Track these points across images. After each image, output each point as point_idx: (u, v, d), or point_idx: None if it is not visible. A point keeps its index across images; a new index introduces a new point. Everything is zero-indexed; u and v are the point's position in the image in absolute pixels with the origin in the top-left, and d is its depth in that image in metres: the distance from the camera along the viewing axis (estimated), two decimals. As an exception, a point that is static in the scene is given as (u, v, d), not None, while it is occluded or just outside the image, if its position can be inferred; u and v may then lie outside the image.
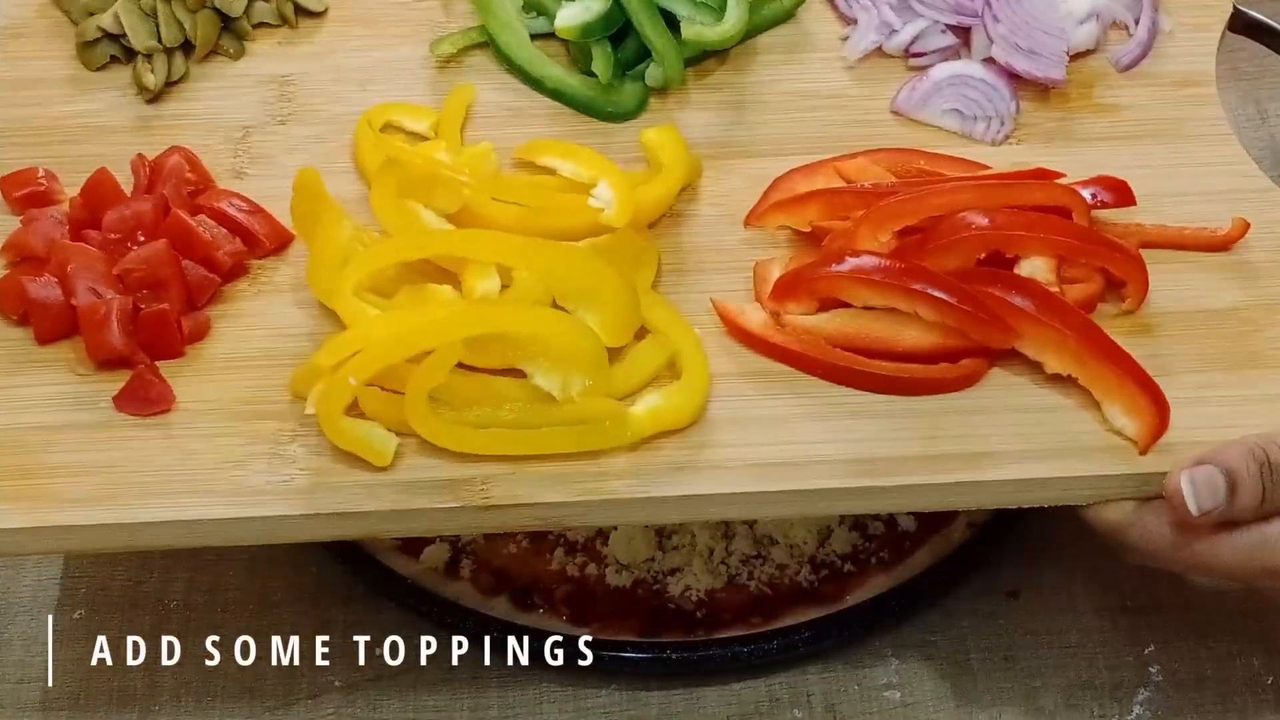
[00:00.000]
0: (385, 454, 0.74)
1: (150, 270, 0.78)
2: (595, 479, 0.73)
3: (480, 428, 0.74)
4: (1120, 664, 0.85)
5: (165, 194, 0.82)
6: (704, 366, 0.76)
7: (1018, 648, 0.86)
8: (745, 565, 0.87)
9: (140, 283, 0.78)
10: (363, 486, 0.73)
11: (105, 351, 0.77)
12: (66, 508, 0.73)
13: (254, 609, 0.88)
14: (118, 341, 0.77)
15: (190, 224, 0.81)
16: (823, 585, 0.87)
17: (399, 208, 0.81)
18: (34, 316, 0.79)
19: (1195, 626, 0.87)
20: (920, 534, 0.88)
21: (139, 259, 0.79)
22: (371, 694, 0.85)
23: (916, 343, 0.76)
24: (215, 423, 0.76)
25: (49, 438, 0.75)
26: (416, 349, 0.73)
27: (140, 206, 0.81)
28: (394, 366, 0.74)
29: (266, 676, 0.85)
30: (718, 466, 0.74)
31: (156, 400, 0.76)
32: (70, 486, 0.73)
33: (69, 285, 0.78)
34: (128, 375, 0.77)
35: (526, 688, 0.85)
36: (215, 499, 0.73)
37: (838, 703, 0.84)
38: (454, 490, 0.73)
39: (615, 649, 0.84)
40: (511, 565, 0.88)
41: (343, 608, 0.88)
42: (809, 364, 0.77)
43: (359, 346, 0.73)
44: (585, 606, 0.86)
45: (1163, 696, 0.84)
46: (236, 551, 0.90)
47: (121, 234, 0.80)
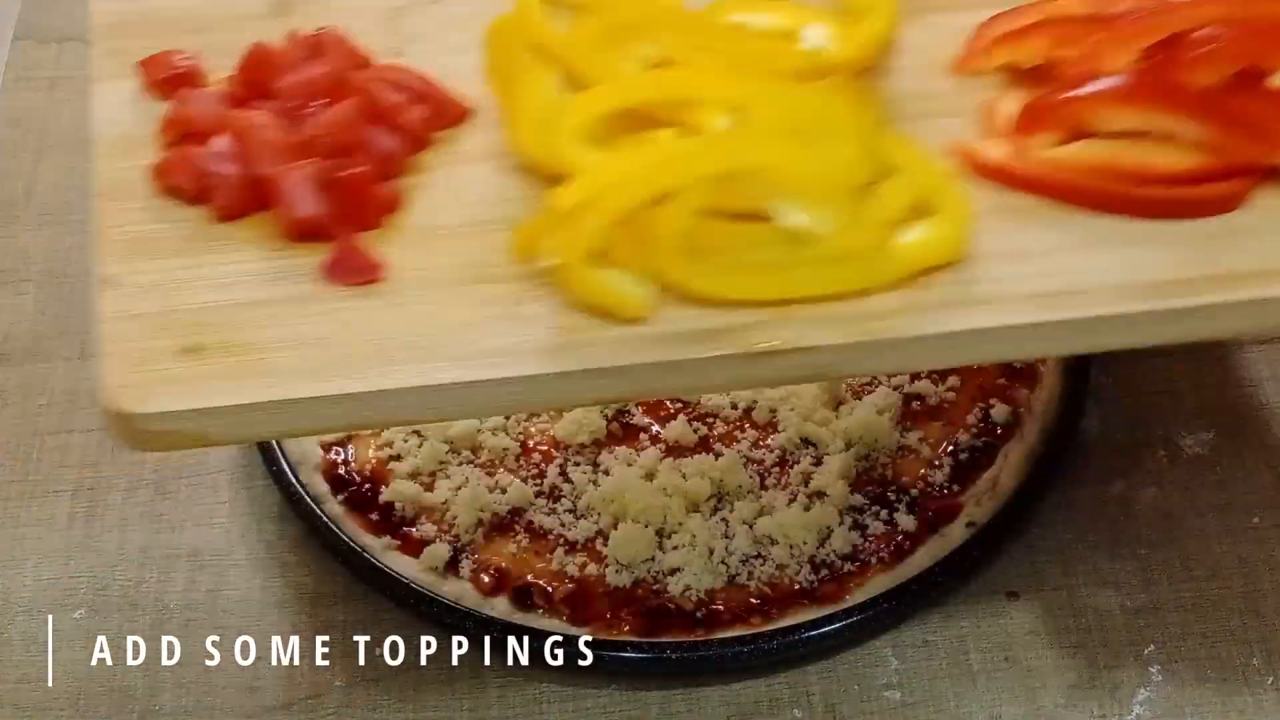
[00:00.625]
0: (640, 303, 0.68)
1: (338, 136, 0.72)
2: (866, 319, 0.68)
3: (737, 272, 0.69)
4: (1120, 664, 0.85)
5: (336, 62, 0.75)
6: (962, 197, 0.71)
7: (1018, 648, 0.86)
8: (745, 565, 0.87)
9: (328, 150, 0.72)
10: (618, 341, 0.67)
11: (301, 222, 0.71)
12: (296, 381, 0.67)
13: (254, 609, 0.88)
14: (316, 210, 0.70)
15: (373, 87, 0.74)
16: (823, 585, 0.87)
17: (602, 58, 0.74)
18: (214, 192, 0.72)
19: (1195, 626, 0.87)
20: (920, 534, 0.88)
21: (325, 124, 0.73)
22: (371, 694, 0.85)
23: (1173, 166, 0.72)
24: (434, 289, 0.70)
25: (256, 313, 0.69)
26: (660, 188, 0.68)
27: (314, 71, 0.75)
28: (632, 213, 0.68)
29: (266, 676, 0.85)
30: (993, 300, 0.69)
31: (367, 269, 0.70)
32: (294, 359, 0.67)
33: (248, 156, 0.72)
34: (323, 248, 0.70)
35: (526, 688, 0.85)
36: (455, 363, 0.67)
37: (838, 703, 0.84)
38: (718, 339, 0.68)
39: (615, 649, 0.84)
40: (511, 565, 0.88)
41: (343, 608, 0.88)
42: (1070, 193, 0.72)
43: (594, 190, 0.67)
44: (585, 606, 0.86)
45: (1163, 696, 0.84)
46: (236, 551, 0.90)
47: (298, 101, 0.74)
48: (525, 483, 0.91)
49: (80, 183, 1.08)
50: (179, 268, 0.70)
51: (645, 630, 0.85)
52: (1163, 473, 0.93)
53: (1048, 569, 0.89)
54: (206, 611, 0.87)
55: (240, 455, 0.94)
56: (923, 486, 0.90)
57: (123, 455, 0.93)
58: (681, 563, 0.87)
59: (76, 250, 1.04)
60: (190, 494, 0.92)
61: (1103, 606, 0.87)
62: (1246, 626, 0.87)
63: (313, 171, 0.71)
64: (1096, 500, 0.92)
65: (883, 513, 0.89)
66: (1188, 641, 0.86)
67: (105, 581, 0.89)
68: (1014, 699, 0.84)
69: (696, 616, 0.86)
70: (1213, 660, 0.85)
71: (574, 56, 0.75)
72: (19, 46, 1.17)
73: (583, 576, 0.87)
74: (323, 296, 0.70)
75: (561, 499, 0.90)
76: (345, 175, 0.72)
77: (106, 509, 0.92)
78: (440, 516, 0.89)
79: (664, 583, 0.87)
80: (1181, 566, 0.89)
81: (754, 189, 0.70)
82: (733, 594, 0.86)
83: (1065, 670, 0.85)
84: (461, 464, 0.91)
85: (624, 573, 0.87)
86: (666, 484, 0.90)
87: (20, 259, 1.04)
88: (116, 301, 0.69)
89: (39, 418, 0.96)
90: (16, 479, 0.93)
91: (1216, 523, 0.91)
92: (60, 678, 0.85)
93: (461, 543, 0.88)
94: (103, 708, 0.84)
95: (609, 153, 0.71)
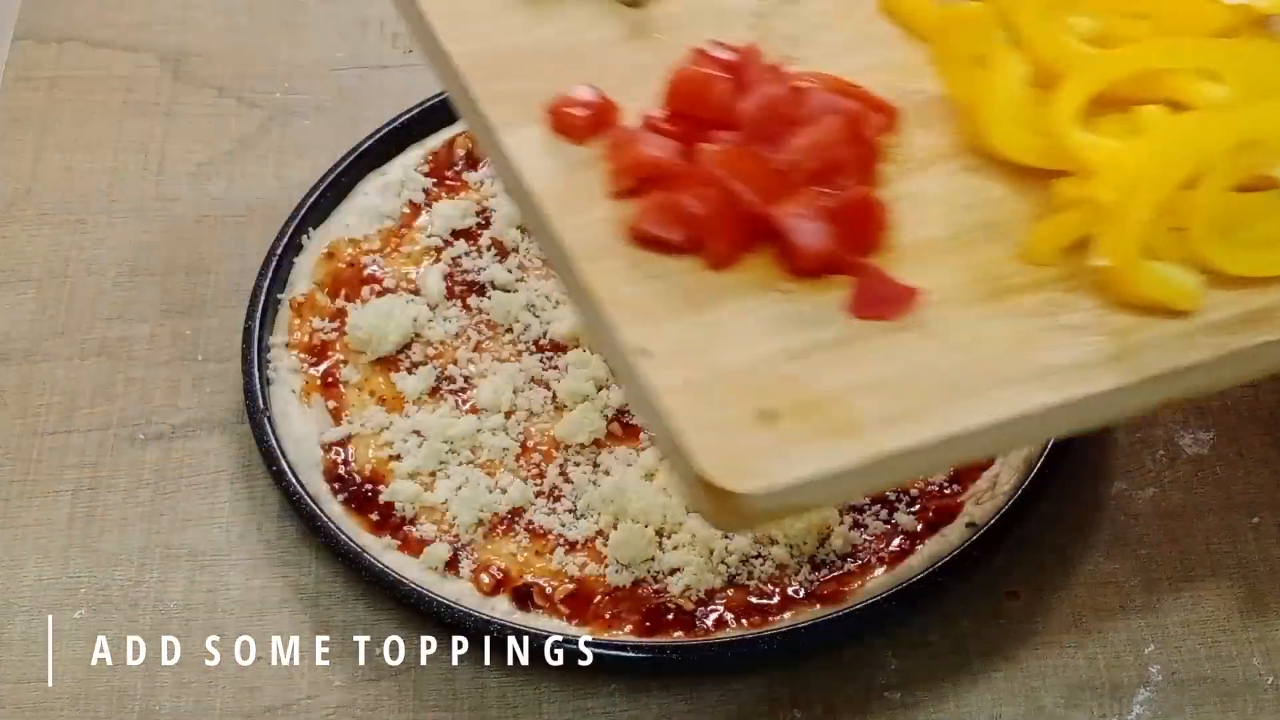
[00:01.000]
0: (1194, 293, 0.64)
1: (823, 158, 0.67)
2: None
3: (1272, 248, 0.65)
4: (1120, 664, 0.85)
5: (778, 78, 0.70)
6: None
7: (1018, 648, 0.86)
8: (745, 565, 0.87)
9: (811, 175, 0.67)
10: (1175, 337, 0.64)
11: (814, 257, 0.65)
12: (888, 433, 0.61)
13: (254, 609, 0.88)
14: (826, 241, 0.65)
15: (839, 100, 0.68)
16: (823, 585, 0.87)
17: (1053, 40, 0.71)
18: (707, 237, 0.67)
19: (1195, 626, 0.87)
20: (920, 533, 0.88)
21: (808, 147, 0.67)
22: (371, 694, 0.85)
23: None
24: (961, 309, 0.66)
25: (802, 366, 0.64)
26: (1191, 168, 0.65)
27: (768, 93, 0.69)
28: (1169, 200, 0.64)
29: (266, 676, 0.85)
30: None
31: (902, 297, 0.65)
32: (873, 409, 0.62)
33: (736, 194, 0.66)
34: (833, 281, 0.66)
35: (526, 688, 0.85)
36: (1034, 386, 0.63)
37: (838, 703, 0.84)
38: (1267, 322, 0.65)
39: (615, 649, 0.84)
40: (511, 565, 0.88)
41: (343, 608, 0.88)
42: None
43: (1128, 180, 0.64)
44: (585, 606, 0.86)
45: (1163, 696, 0.84)
46: (237, 551, 0.90)
47: (761, 127, 0.68)
48: (525, 483, 0.91)
49: (81, 183, 1.08)
50: (699, 326, 0.66)
51: (645, 630, 0.85)
52: (1163, 473, 0.93)
53: (1048, 569, 0.89)
54: (206, 611, 0.87)
55: (240, 455, 0.94)
56: (922, 486, 0.90)
57: (122, 455, 0.93)
58: (681, 562, 0.87)
59: (76, 250, 1.04)
60: (190, 494, 0.92)
61: (1103, 606, 0.87)
62: (1246, 626, 0.87)
63: (815, 201, 0.66)
64: (1096, 500, 0.92)
65: (883, 512, 0.89)
66: (1188, 641, 0.86)
67: (105, 581, 0.89)
68: (1014, 699, 0.84)
69: (696, 616, 0.86)
70: (1213, 660, 0.85)
71: (1037, 42, 0.71)
72: (19, 46, 1.17)
73: (583, 576, 0.87)
74: (860, 334, 0.65)
75: (561, 499, 0.90)
76: (846, 200, 0.67)
77: (106, 509, 0.92)
78: (440, 516, 0.89)
79: (664, 582, 0.87)
80: (1181, 566, 0.89)
81: (1262, 157, 0.66)
82: (733, 594, 0.86)
83: (1065, 670, 0.85)
84: (462, 464, 0.91)
85: (624, 572, 0.87)
86: (666, 484, 0.90)
87: (20, 259, 1.04)
88: (660, 373, 0.64)
89: (39, 418, 0.96)
90: (16, 479, 0.93)
91: (1216, 523, 0.91)
92: (60, 678, 0.85)
93: (461, 542, 0.88)
94: (103, 708, 0.84)
95: (1126, 139, 0.67)
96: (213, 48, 1.17)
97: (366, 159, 1.05)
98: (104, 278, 1.03)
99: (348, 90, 1.14)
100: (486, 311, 0.98)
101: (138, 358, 0.99)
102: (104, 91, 1.14)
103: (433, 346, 0.97)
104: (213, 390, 0.97)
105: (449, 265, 1.01)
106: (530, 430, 0.93)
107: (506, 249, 1.01)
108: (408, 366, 0.96)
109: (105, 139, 1.11)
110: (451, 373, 0.96)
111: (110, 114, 1.13)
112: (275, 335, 0.97)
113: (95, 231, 1.05)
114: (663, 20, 0.78)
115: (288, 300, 0.98)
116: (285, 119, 1.12)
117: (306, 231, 1.01)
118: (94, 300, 1.02)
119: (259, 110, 1.13)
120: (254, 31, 1.19)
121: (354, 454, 0.92)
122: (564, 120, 0.72)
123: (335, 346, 0.97)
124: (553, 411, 0.94)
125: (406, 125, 1.06)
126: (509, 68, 0.76)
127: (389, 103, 1.09)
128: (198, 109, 1.13)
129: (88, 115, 1.13)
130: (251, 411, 0.92)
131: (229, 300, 1.01)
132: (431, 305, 0.98)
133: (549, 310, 0.98)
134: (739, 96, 0.70)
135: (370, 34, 1.19)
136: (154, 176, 1.09)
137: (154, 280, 1.03)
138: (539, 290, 0.99)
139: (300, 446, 0.91)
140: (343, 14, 1.20)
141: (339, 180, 1.03)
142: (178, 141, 1.11)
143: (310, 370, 0.96)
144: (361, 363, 0.96)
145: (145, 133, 1.11)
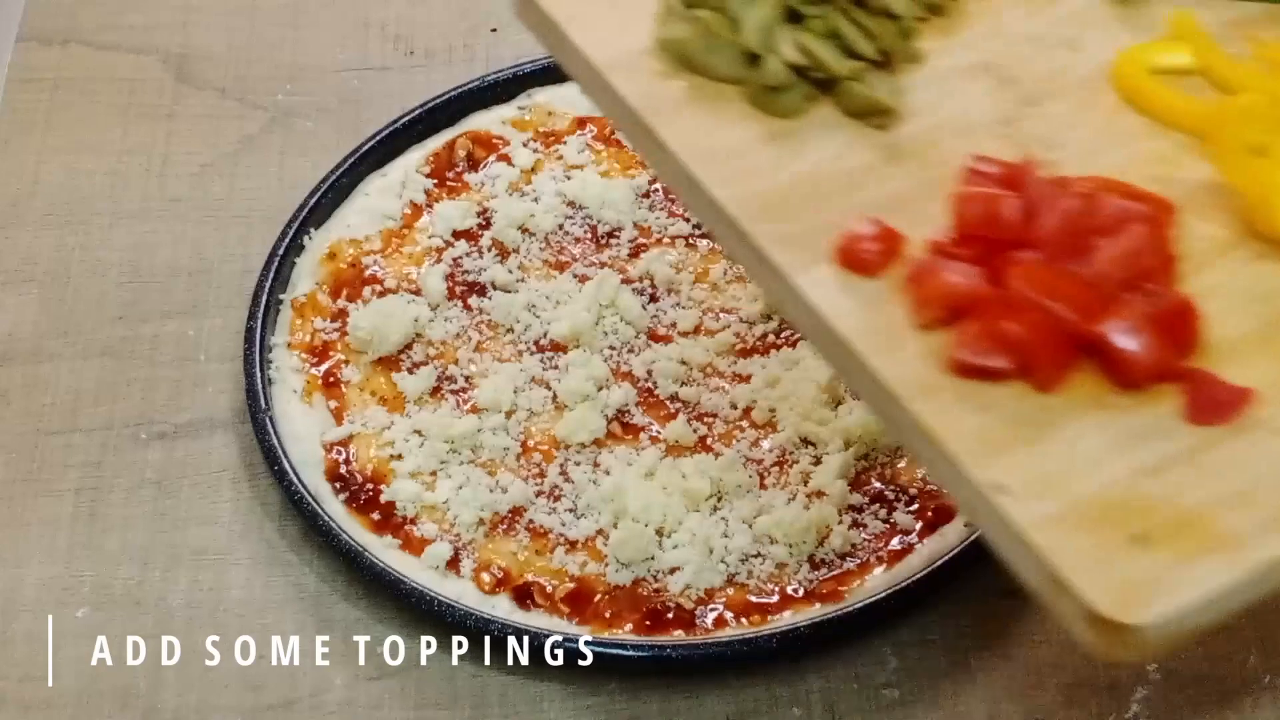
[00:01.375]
0: None
1: (1133, 266, 0.67)
2: None
3: None
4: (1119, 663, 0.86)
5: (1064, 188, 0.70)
6: None
7: (1018, 647, 0.86)
8: (745, 564, 0.87)
9: (1121, 285, 0.67)
10: None
11: (1146, 368, 0.66)
12: (1270, 538, 0.61)
13: (255, 608, 0.88)
14: (1156, 352, 0.65)
15: (1130, 204, 0.68)
16: (822, 584, 0.87)
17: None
18: (1034, 360, 0.66)
19: (1194, 626, 0.87)
20: (920, 533, 0.88)
21: (1118, 257, 0.67)
22: (372, 694, 0.85)
23: None
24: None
25: (1159, 483, 0.63)
26: None
27: (1066, 204, 0.69)
28: None
29: (267, 676, 0.85)
30: None
31: (1234, 400, 0.65)
32: (1241, 516, 0.62)
33: (1051, 314, 0.66)
34: (1159, 391, 0.66)
35: (526, 688, 0.85)
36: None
37: (837, 702, 0.84)
38: None
39: (615, 648, 0.84)
40: (512, 564, 0.88)
41: (343, 607, 0.88)
42: None
43: None
44: (585, 605, 0.86)
45: (1161, 695, 0.84)
46: (238, 551, 0.90)
47: (1063, 241, 0.68)
48: (526, 482, 0.91)
49: (84, 184, 1.08)
50: (1045, 454, 0.65)
51: (645, 629, 0.85)
52: (1163, 472, 0.93)
53: (1047, 568, 0.89)
54: (207, 611, 0.88)
55: (242, 455, 0.94)
56: (922, 485, 0.91)
57: (125, 454, 0.94)
58: (681, 561, 0.87)
59: (79, 251, 1.04)
60: (192, 493, 0.93)
61: (1102, 606, 0.88)
62: (1244, 625, 0.86)
63: (1136, 311, 0.66)
64: (1096, 500, 0.92)
65: (882, 512, 0.90)
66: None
67: (107, 580, 0.89)
68: (1013, 698, 0.84)
69: (696, 615, 0.86)
70: (1211, 659, 0.85)
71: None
72: (23, 48, 1.17)
73: (583, 575, 0.87)
74: (1205, 443, 0.65)
75: (562, 498, 0.90)
76: (1166, 305, 0.67)
77: (109, 508, 0.92)
78: (441, 516, 0.90)
79: (664, 582, 0.87)
80: (1181, 566, 0.89)
81: None
82: (733, 593, 0.87)
83: (1064, 669, 0.85)
84: (462, 463, 0.92)
85: (624, 572, 0.87)
86: (666, 483, 0.90)
87: (23, 260, 1.04)
88: (1023, 509, 0.63)
89: (42, 417, 0.96)
90: (19, 478, 0.93)
91: (1216, 522, 0.91)
92: (61, 677, 0.85)
93: (462, 542, 0.89)
94: (104, 707, 0.84)
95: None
96: (215, 50, 1.18)
97: (368, 160, 1.05)
98: (107, 278, 1.03)
99: (349, 92, 1.15)
100: (487, 312, 0.99)
101: (140, 358, 0.99)
102: (107, 93, 1.14)
103: (434, 346, 0.97)
104: (215, 390, 0.97)
105: (450, 266, 1.01)
106: (531, 430, 0.93)
107: (507, 249, 1.02)
108: (409, 366, 0.96)
109: (108, 140, 1.11)
110: (452, 373, 0.96)
111: (113, 115, 1.13)
112: (277, 335, 0.97)
113: (98, 232, 1.06)
114: (911, 140, 0.76)
115: (289, 300, 0.99)
116: (287, 120, 1.13)
117: (308, 232, 1.01)
118: (97, 301, 1.02)
119: (261, 112, 1.13)
120: (256, 33, 1.19)
121: (355, 453, 0.92)
122: (855, 256, 0.71)
123: (337, 346, 0.97)
124: (553, 411, 0.94)
125: (408, 126, 1.07)
126: (779, 207, 0.74)
127: (390, 104, 1.10)
128: (200, 110, 1.13)
129: (91, 117, 1.13)
130: (253, 411, 0.92)
131: (231, 301, 1.01)
132: (432, 305, 0.99)
133: (549, 310, 0.98)
134: (1028, 212, 0.70)
135: (372, 36, 1.19)
136: (157, 177, 1.09)
137: (157, 281, 1.03)
138: (539, 290, 0.99)
139: (302, 446, 0.92)
140: (345, 16, 1.20)
141: (340, 181, 1.04)
142: (180, 143, 1.11)
143: (312, 370, 0.96)
144: (363, 363, 0.96)
145: (148, 134, 1.12)
